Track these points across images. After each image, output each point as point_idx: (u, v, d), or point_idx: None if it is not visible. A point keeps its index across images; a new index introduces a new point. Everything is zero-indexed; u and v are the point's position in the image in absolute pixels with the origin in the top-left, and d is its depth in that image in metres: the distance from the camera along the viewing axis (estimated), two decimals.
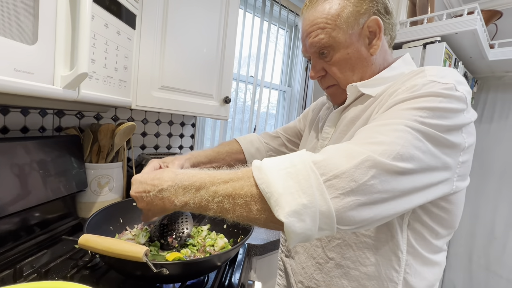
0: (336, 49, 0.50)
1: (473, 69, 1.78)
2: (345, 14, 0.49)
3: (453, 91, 0.39)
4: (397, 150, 0.34)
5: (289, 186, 0.33)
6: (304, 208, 0.32)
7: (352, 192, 0.32)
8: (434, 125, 0.37)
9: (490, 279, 1.84)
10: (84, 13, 0.51)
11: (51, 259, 0.62)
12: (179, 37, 0.92)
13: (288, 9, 1.67)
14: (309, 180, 0.33)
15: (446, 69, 0.44)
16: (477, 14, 1.19)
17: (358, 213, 0.33)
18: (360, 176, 0.33)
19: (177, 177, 0.42)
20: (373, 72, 0.52)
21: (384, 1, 0.51)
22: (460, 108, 0.39)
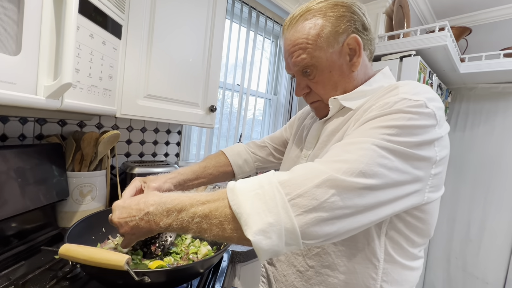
0: (318, 68, 0.53)
1: (447, 81, 1.90)
2: (324, 34, 0.50)
3: (423, 108, 0.41)
4: (360, 168, 0.37)
5: (257, 207, 0.36)
6: (270, 226, 0.35)
7: (314, 209, 0.35)
8: (402, 142, 0.39)
9: (467, 280, 1.93)
10: (69, 24, 0.52)
11: (29, 270, 0.61)
12: (165, 46, 0.94)
13: (274, 20, 1.73)
14: (275, 200, 0.36)
15: (419, 86, 0.46)
16: (447, 30, 1.29)
17: (320, 228, 0.35)
18: (321, 194, 0.35)
19: (161, 200, 0.43)
20: (355, 87, 0.54)
21: (361, 19, 0.53)
22: (429, 124, 0.41)
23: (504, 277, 1.76)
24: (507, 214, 1.79)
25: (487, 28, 1.92)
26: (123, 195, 0.58)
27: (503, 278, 1.77)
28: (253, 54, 1.65)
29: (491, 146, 1.87)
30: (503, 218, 1.80)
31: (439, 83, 1.73)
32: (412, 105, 0.41)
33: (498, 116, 1.85)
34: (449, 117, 2.07)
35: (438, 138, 0.42)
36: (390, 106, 0.42)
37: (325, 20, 0.51)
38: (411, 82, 0.47)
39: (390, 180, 0.38)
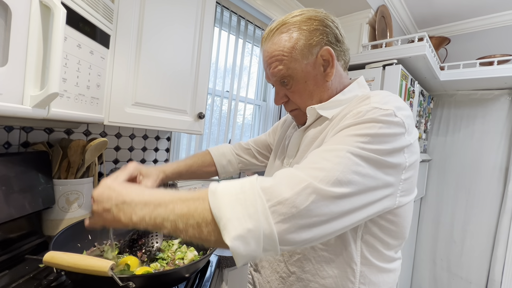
0: (294, 78, 0.56)
1: (428, 88, 1.98)
2: (299, 46, 0.53)
3: (392, 117, 0.44)
4: (336, 176, 0.39)
5: (237, 212, 0.36)
6: (248, 232, 0.35)
7: (293, 216, 0.36)
8: (374, 149, 0.42)
9: (451, 280, 1.98)
10: (57, 36, 0.54)
11: (12, 279, 0.60)
12: (154, 55, 0.96)
13: (262, 29, 1.77)
14: (256, 206, 0.36)
15: (388, 96, 0.49)
16: (426, 41, 1.35)
17: (298, 235, 0.37)
18: (301, 202, 0.36)
19: (143, 192, 0.43)
20: (330, 95, 0.57)
21: (334, 32, 0.55)
22: (398, 132, 0.44)
23: (486, 276, 1.83)
24: (487, 216, 1.86)
25: (465, 38, 2.02)
26: (117, 176, 0.57)
27: (485, 277, 1.83)
28: (242, 61, 1.68)
29: (471, 150, 1.95)
30: (483, 220, 1.87)
31: (421, 90, 1.80)
32: (383, 114, 0.44)
33: (477, 121, 1.94)
34: (432, 122, 2.15)
35: (407, 145, 0.45)
36: (362, 115, 0.45)
37: (299, 33, 0.53)
38: (382, 92, 0.50)
39: (363, 187, 0.41)
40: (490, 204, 1.86)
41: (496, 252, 1.76)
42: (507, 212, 1.73)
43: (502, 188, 1.81)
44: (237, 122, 1.76)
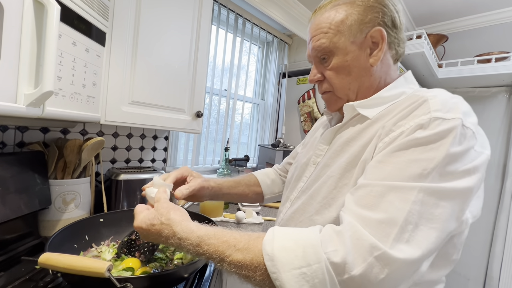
0: (335, 54, 0.50)
1: (426, 85, 1.98)
2: (349, 21, 0.48)
3: (462, 128, 0.37)
4: (410, 232, 0.33)
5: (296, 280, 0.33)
6: None
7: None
8: (448, 178, 0.36)
9: (449, 276, 1.99)
10: (51, 33, 0.53)
11: (8, 281, 0.59)
12: (150, 53, 0.94)
13: (260, 27, 1.76)
14: (326, 285, 0.33)
15: (451, 99, 0.42)
16: (424, 38, 1.35)
17: None
18: (375, 276, 0.32)
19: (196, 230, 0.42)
20: (371, 85, 0.50)
21: (392, 14, 0.49)
22: (471, 146, 0.38)
23: (484, 273, 1.84)
24: (484, 213, 1.86)
25: (463, 36, 2.02)
26: (169, 176, 0.60)
27: (483, 274, 1.84)
28: (240, 59, 1.67)
29: None
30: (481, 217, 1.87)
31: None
32: (450, 127, 0.37)
33: None
34: None
35: (485, 159, 0.39)
36: (424, 128, 0.38)
37: (353, 8, 0.49)
38: (440, 93, 0.43)
39: (445, 232, 0.36)
40: (487, 201, 1.86)
41: (494, 249, 1.77)
42: (504, 209, 1.74)
43: (500, 185, 1.82)
44: (235, 121, 1.75)
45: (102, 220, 0.78)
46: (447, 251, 0.43)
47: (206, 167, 1.62)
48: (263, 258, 0.35)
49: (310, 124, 1.83)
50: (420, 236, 0.33)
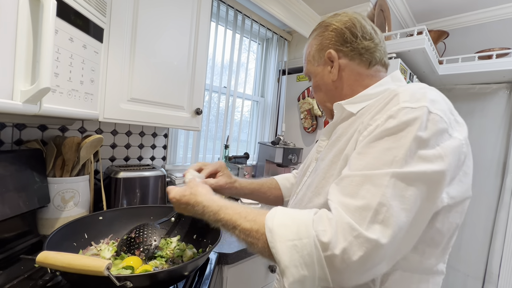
0: (312, 77, 0.65)
1: (427, 82, 1.97)
2: (312, 51, 0.63)
3: (428, 114, 0.40)
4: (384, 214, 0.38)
5: (294, 260, 0.39)
6: (305, 278, 0.39)
7: (347, 268, 0.38)
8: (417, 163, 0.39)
9: (449, 273, 2.00)
10: (47, 28, 0.52)
11: (7, 280, 0.59)
12: (149, 49, 0.93)
13: (259, 23, 1.74)
14: (312, 257, 0.39)
15: (420, 89, 0.45)
16: (425, 34, 1.34)
17: (350, 280, 0.39)
18: (354, 253, 0.37)
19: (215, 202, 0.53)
20: (337, 93, 0.60)
21: (341, 33, 0.58)
22: (440, 128, 0.41)
23: (484, 269, 1.84)
24: (484, 210, 1.87)
25: (464, 32, 2.01)
26: (206, 169, 0.73)
27: (483, 270, 1.85)
28: (239, 56, 1.66)
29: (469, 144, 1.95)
30: (481, 213, 1.88)
31: None
32: (416, 115, 0.40)
33: (475, 115, 1.94)
34: None
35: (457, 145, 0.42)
36: (393, 118, 0.42)
37: (314, 40, 0.63)
38: (413, 86, 0.47)
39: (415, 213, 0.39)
40: (487, 198, 1.86)
41: (493, 245, 1.77)
42: (504, 206, 1.74)
43: (500, 182, 1.82)
44: (235, 119, 1.74)
45: (101, 218, 0.77)
46: (433, 237, 0.45)
47: None
48: (265, 230, 0.42)
49: (310, 121, 1.83)
50: (392, 216, 0.38)
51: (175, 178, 1.32)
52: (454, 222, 0.46)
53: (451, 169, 0.41)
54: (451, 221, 0.45)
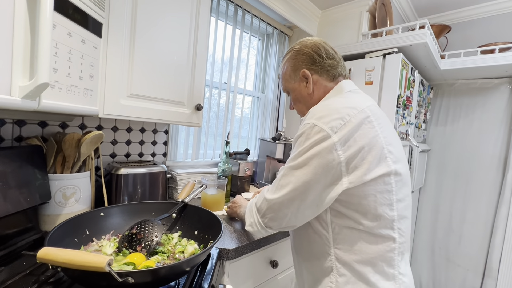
0: (290, 92, 0.81)
1: (428, 77, 1.96)
2: (288, 71, 0.79)
3: (311, 128, 0.60)
4: (275, 185, 0.67)
5: (247, 214, 0.75)
6: (251, 223, 0.72)
7: (263, 215, 0.69)
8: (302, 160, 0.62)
9: (449, 268, 2.01)
10: (44, 22, 0.51)
11: (9, 276, 0.59)
12: (148, 45, 0.92)
13: (260, 18, 1.73)
14: (252, 212, 0.73)
15: (318, 108, 0.64)
16: (427, 28, 1.32)
17: (270, 224, 0.69)
18: (263, 205, 0.69)
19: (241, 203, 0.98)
20: (313, 103, 0.74)
21: (310, 55, 0.75)
22: (320, 137, 0.59)
23: (484, 264, 1.85)
24: (485, 205, 1.87)
25: (466, 26, 1.99)
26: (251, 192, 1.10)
27: (483, 265, 1.86)
28: (239, 52, 1.65)
29: (470, 139, 1.95)
30: (482, 209, 1.89)
31: (421, 80, 1.78)
32: (306, 129, 0.62)
33: (476, 110, 1.93)
34: (431, 112, 2.14)
35: (333, 144, 0.58)
36: (300, 130, 0.64)
37: (288, 62, 0.79)
38: (318, 107, 0.66)
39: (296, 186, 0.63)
40: (488, 193, 1.86)
41: (494, 240, 1.77)
42: (505, 201, 1.74)
43: (501, 177, 1.82)
44: (236, 115, 1.73)
45: (102, 214, 0.77)
46: (356, 207, 0.60)
47: (206, 161, 1.61)
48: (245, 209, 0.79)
49: None
50: (282, 188, 0.64)
51: (176, 174, 1.32)
52: (371, 194, 0.59)
53: (317, 166, 0.59)
54: (367, 194, 0.59)
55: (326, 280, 0.65)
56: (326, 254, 0.65)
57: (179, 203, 0.85)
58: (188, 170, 1.40)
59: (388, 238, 0.61)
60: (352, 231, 0.61)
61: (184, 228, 0.82)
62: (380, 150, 0.59)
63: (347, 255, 0.62)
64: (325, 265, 0.65)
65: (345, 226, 0.62)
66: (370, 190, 0.59)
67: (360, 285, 0.61)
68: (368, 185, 0.58)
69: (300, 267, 0.77)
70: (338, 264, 0.63)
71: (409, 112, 1.59)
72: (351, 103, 0.64)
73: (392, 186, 0.61)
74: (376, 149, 0.59)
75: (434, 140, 2.11)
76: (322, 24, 1.80)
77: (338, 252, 0.63)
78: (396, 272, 0.62)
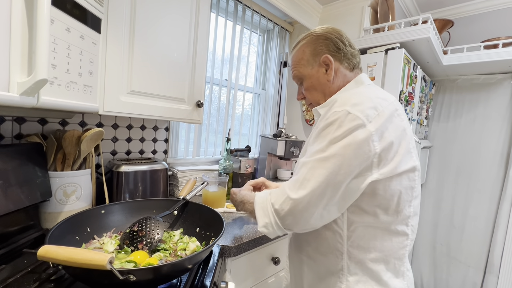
0: (304, 79, 0.74)
1: (430, 73, 1.94)
2: (306, 56, 0.72)
3: (346, 115, 0.55)
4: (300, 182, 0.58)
5: (261, 213, 0.63)
6: (266, 224, 0.62)
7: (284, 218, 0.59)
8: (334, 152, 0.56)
9: (451, 264, 2.01)
10: (42, 17, 0.50)
11: (10, 274, 0.59)
12: (148, 41, 0.91)
13: (260, 14, 1.71)
14: (268, 211, 0.62)
15: (350, 96, 0.59)
16: (430, 23, 1.31)
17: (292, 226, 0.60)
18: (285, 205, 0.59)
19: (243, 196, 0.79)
20: (333, 91, 0.71)
21: (334, 41, 0.70)
22: (354, 126, 0.54)
23: (485, 260, 1.85)
24: (487, 201, 1.86)
25: (469, 21, 1.97)
26: (247, 183, 0.90)
27: (485, 261, 1.85)
28: (240, 48, 1.63)
29: (473, 135, 1.93)
30: (484, 205, 1.88)
31: (423, 75, 1.77)
32: (338, 117, 0.56)
33: (479, 106, 1.92)
34: (433, 108, 2.12)
35: (369, 135, 0.54)
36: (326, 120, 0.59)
37: (307, 47, 0.72)
38: (346, 95, 0.61)
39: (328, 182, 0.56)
40: (490, 190, 1.86)
41: (495, 237, 1.77)
42: (507, 197, 1.73)
43: (503, 173, 1.81)
44: (236, 113, 1.73)
45: (103, 212, 0.77)
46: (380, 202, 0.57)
47: (207, 158, 1.61)
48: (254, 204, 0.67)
49: (311, 114, 1.81)
50: (310, 183, 0.56)
51: (177, 171, 1.31)
52: (397, 189, 0.57)
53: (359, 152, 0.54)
54: (393, 189, 0.57)
55: (333, 280, 0.63)
56: (337, 252, 0.62)
57: (181, 200, 0.85)
58: (189, 167, 1.39)
59: (402, 235, 0.61)
60: (368, 229, 0.59)
61: (185, 225, 0.82)
62: (408, 144, 0.59)
63: (362, 254, 0.60)
64: (334, 263, 0.63)
65: (362, 222, 0.59)
66: (396, 185, 0.57)
67: (371, 284, 0.59)
68: (395, 179, 0.56)
69: (300, 266, 0.72)
70: (350, 263, 0.61)
71: (411, 108, 1.58)
72: (380, 94, 0.61)
73: (415, 183, 0.60)
74: (405, 143, 0.58)
75: (436, 136, 2.10)
76: (324, 20, 1.78)
77: (352, 250, 0.60)
78: (404, 269, 0.63)
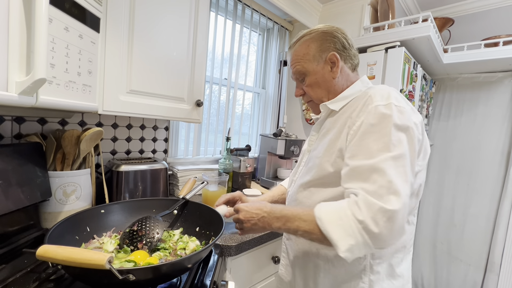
0: (307, 75, 0.71)
1: (431, 71, 1.94)
2: (311, 52, 0.69)
3: (395, 109, 0.55)
4: (394, 188, 0.50)
5: (341, 234, 0.51)
6: (352, 246, 0.50)
7: (380, 232, 0.49)
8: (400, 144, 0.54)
9: (451, 263, 2.01)
10: (40, 16, 0.50)
11: (10, 273, 0.59)
12: (147, 40, 0.91)
13: (260, 13, 1.70)
14: (353, 229, 0.50)
15: (383, 90, 0.60)
16: (430, 21, 1.30)
17: (385, 241, 0.51)
18: (378, 222, 0.49)
19: (271, 209, 0.61)
20: (336, 90, 0.70)
21: (341, 40, 0.69)
22: (407, 117, 0.55)
23: (486, 258, 1.85)
24: (488, 199, 1.86)
25: (469, 19, 1.96)
26: (220, 198, 0.83)
27: (485, 260, 1.85)
28: (240, 47, 1.63)
29: (473, 134, 1.93)
30: (484, 203, 1.87)
31: (424, 74, 1.76)
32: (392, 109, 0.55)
33: (479, 105, 1.91)
34: (434, 107, 2.12)
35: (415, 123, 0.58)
36: (373, 114, 0.56)
37: (313, 42, 0.70)
38: (379, 89, 0.61)
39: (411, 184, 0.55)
40: (491, 188, 1.85)
41: (496, 235, 1.77)
42: (508, 195, 1.73)
43: (504, 172, 1.80)
44: (236, 112, 1.72)
45: (103, 211, 0.77)
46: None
47: (207, 157, 1.61)
48: (316, 221, 0.54)
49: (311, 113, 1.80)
50: (400, 187, 0.50)
51: (177, 171, 1.31)
52: (419, 183, 0.61)
53: (417, 143, 0.56)
54: (418, 182, 0.61)
55: (355, 282, 0.62)
56: None
57: (180, 200, 0.85)
58: (189, 166, 1.39)
59: (412, 224, 0.66)
60: None
61: (185, 224, 0.82)
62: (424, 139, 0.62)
63: (384, 250, 0.61)
64: (357, 263, 0.61)
65: None
66: (422, 177, 0.62)
67: (389, 279, 0.62)
68: (422, 172, 0.61)
69: (315, 271, 0.67)
70: (372, 262, 0.61)
71: None
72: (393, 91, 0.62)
73: (425, 176, 0.64)
74: (425, 137, 0.62)
75: (437, 135, 2.09)
76: (323, 18, 1.78)
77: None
78: (410, 257, 0.68)
